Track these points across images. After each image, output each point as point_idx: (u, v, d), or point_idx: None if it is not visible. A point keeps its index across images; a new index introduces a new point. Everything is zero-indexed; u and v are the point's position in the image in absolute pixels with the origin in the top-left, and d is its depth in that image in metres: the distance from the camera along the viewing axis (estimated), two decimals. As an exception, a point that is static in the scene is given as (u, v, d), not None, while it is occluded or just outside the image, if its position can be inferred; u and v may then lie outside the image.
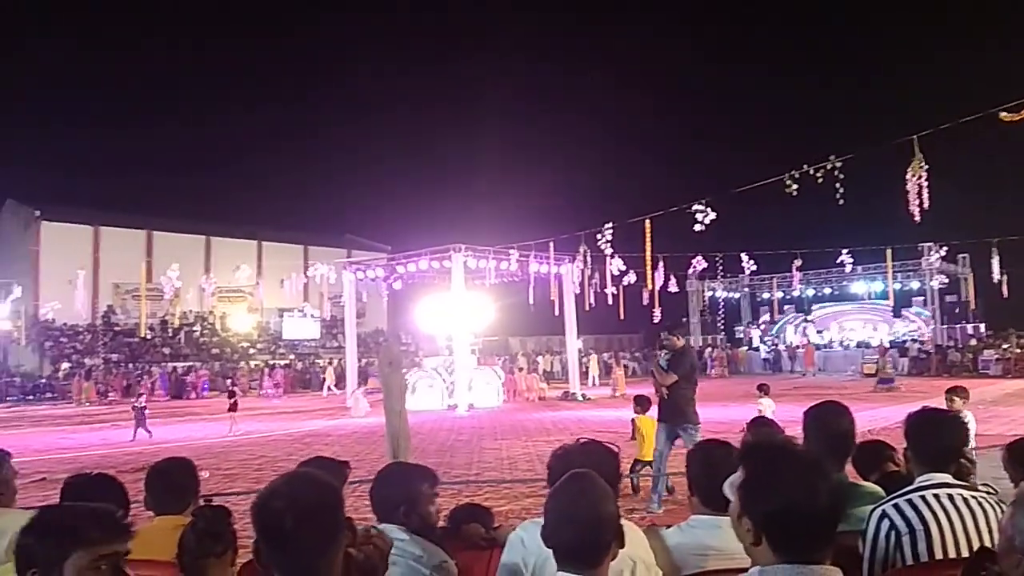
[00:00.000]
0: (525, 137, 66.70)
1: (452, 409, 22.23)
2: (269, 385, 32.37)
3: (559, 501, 1.98)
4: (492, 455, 12.72)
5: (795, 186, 12.79)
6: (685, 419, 8.08)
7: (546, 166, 64.69)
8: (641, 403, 9.73)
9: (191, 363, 37.65)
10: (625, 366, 33.92)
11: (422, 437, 15.57)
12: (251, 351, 42.55)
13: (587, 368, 32.22)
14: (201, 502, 2.55)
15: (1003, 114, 10.11)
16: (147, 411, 16.89)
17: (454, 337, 24.06)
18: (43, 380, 34.50)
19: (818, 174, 12.28)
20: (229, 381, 20.89)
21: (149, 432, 16.27)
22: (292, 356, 41.90)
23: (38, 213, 40.18)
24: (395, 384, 4.28)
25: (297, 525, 1.69)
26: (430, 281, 27.10)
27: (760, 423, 4.79)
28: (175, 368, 36.02)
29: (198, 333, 42.37)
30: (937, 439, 2.70)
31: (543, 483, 2.57)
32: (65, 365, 35.32)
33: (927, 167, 11.36)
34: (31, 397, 32.24)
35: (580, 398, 24.94)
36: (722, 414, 15.70)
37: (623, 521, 2.01)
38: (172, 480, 2.96)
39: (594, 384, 30.84)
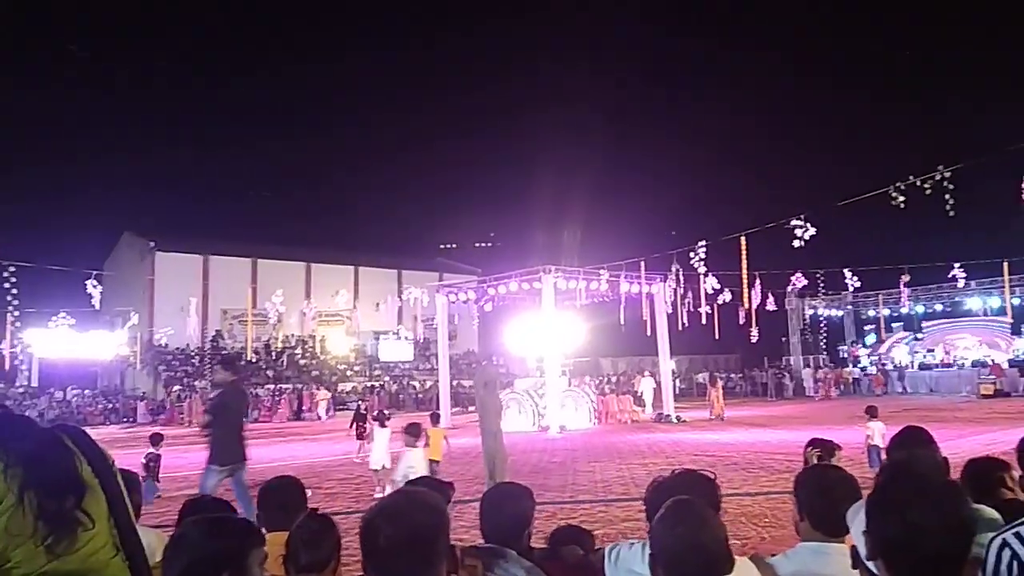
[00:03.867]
0: (617, 156, 66.54)
1: (544, 431, 22.20)
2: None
3: (671, 528, 1.96)
4: (586, 477, 12.61)
5: (901, 198, 12.23)
6: (223, 459, 7.64)
7: (638, 185, 64.27)
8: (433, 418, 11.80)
9: (293, 385, 39.04)
10: (726, 387, 32.75)
11: (515, 459, 15.56)
12: (348, 373, 43.83)
13: (640, 391, 28.97)
14: None
15: None
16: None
17: (544, 358, 24.08)
18: (156, 402, 36.56)
19: (926, 185, 11.71)
20: (363, 404, 19.72)
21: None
22: (387, 378, 42.92)
23: (153, 244, 42.85)
24: (491, 405, 4.32)
25: (393, 544, 1.71)
26: (520, 303, 27.27)
27: (815, 443, 4.75)
28: (298, 390, 37.26)
29: (299, 356, 43.98)
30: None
31: (638, 505, 2.55)
32: (176, 388, 37.31)
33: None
34: (159, 416, 33.97)
35: (675, 420, 24.43)
36: (825, 438, 15.04)
37: (736, 556, 1.99)
38: (282, 497, 3.09)
39: (644, 409, 27.48)
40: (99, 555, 1.80)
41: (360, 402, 20.44)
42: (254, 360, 40.28)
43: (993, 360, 34.22)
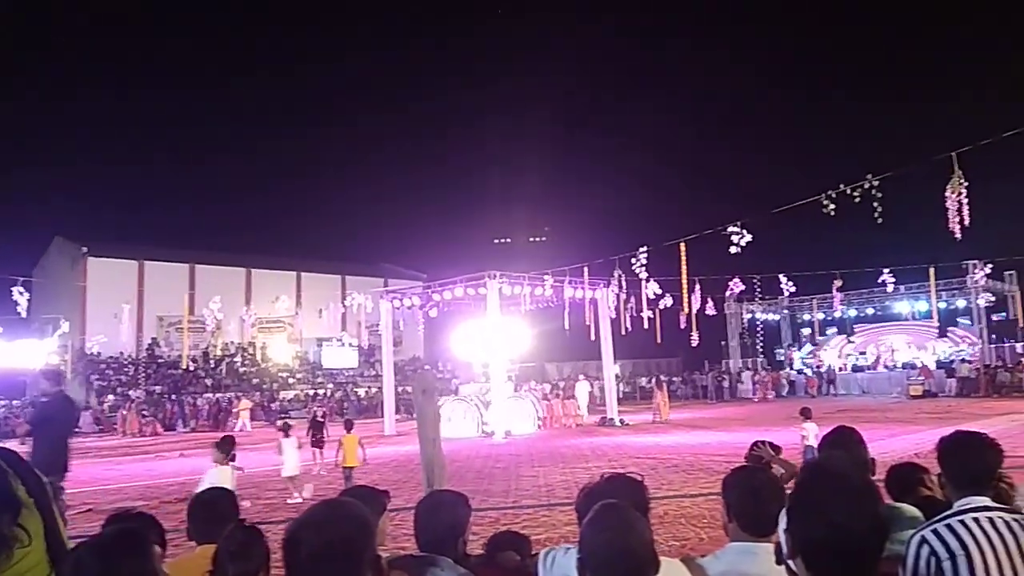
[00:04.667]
0: (559, 163, 67.10)
1: (488, 436, 22.20)
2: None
3: (597, 532, 1.98)
4: (529, 482, 12.66)
5: (832, 206, 12.66)
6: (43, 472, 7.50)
7: (580, 191, 64.87)
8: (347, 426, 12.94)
9: (233, 393, 38.23)
10: (671, 390, 33.29)
11: (459, 465, 15.55)
12: (291, 380, 43.08)
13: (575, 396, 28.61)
14: None
15: (1044, 128, 9.93)
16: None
17: (490, 364, 24.10)
18: (88, 411, 35.29)
19: (855, 193, 12.15)
20: (319, 412, 18.91)
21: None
22: (331, 385, 42.33)
23: (85, 249, 41.44)
24: (429, 412, 4.30)
25: (316, 556, 1.69)
26: (465, 308, 27.24)
27: (757, 446, 4.82)
28: (217, 399, 36.47)
29: (239, 363, 43.04)
30: (973, 462, 2.65)
31: None
32: (110, 397, 36.11)
33: (966, 184, 11.17)
34: (78, 429, 32.90)
35: (618, 424, 24.71)
36: (763, 439, 15.42)
37: (666, 558, 2.01)
38: (214, 509, 3.03)
39: (582, 415, 27.23)
40: (34, 571, 1.83)
41: (317, 409, 19.98)
42: (191, 368, 39.28)
43: (922, 362, 35.60)
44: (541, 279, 23.95)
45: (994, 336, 35.35)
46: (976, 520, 2.45)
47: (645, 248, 19.27)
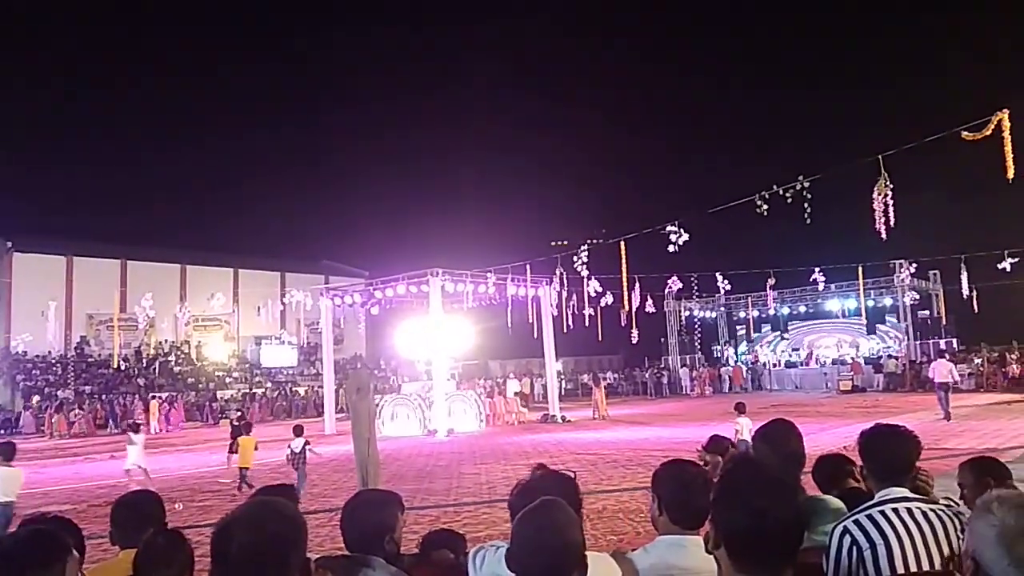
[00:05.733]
0: (501, 162, 67.18)
1: (431, 434, 22.11)
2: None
3: (525, 528, 1.99)
4: (471, 480, 12.67)
5: (765, 206, 13.01)
6: None
7: (522, 190, 65.15)
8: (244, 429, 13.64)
9: (168, 393, 37.14)
10: (609, 387, 33.76)
11: (400, 463, 15.46)
12: (227, 380, 42.09)
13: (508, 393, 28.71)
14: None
15: (965, 134, 10.36)
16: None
17: (433, 362, 23.99)
18: (13, 413, 33.83)
19: (787, 194, 12.50)
20: (239, 414, 18.56)
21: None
22: (269, 384, 41.51)
23: (10, 244, 39.65)
24: (363, 411, 4.27)
25: (247, 553, 1.66)
26: (408, 306, 27.06)
27: (716, 441, 4.86)
28: (109, 400, 34.82)
29: (173, 363, 41.86)
30: (892, 454, 2.73)
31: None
32: (36, 398, 34.68)
33: (892, 186, 11.61)
34: (2, 432, 31.55)
35: (560, 420, 24.90)
36: (700, 433, 15.76)
37: (595, 553, 2.02)
38: (137, 513, 2.92)
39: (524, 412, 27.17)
40: None
41: (233, 414, 19.44)
42: (122, 368, 38.03)
43: (852, 358, 36.85)
44: (484, 277, 23.96)
45: (919, 333, 36.78)
46: (895, 511, 2.55)
47: (587, 246, 19.46)
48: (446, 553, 2.88)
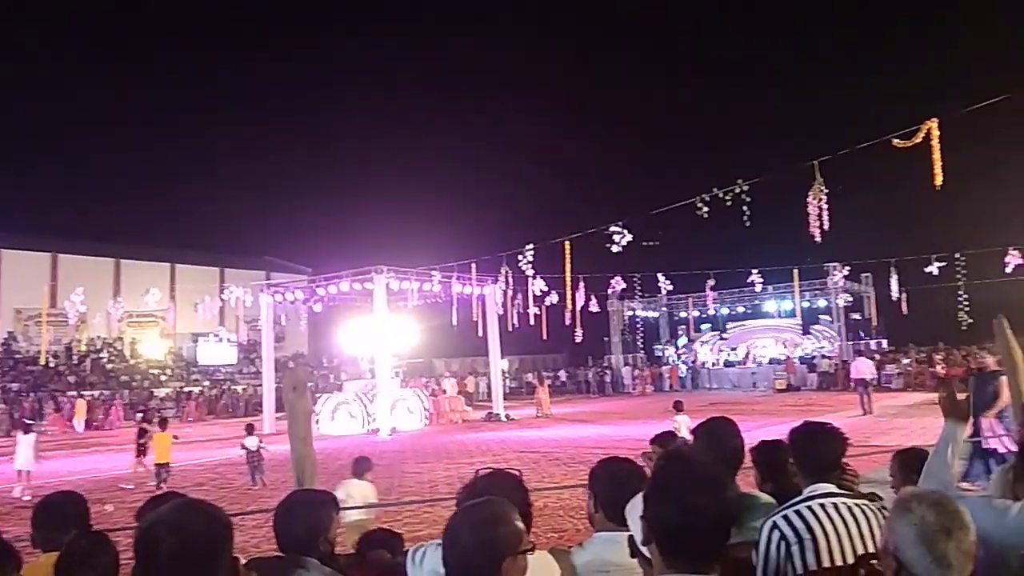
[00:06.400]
0: (448, 159, 66.96)
1: (374, 433, 21.92)
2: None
3: (460, 524, 1.98)
4: (413, 479, 12.62)
5: (706, 208, 13.28)
6: None
7: (469, 188, 64.98)
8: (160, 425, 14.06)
9: (100, 391, 35.91)
10: (553, 385, 34.01)
11: (342, 463, 15.24)
12: (163, 378, 40.92)
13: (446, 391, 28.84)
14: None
15: (896, 141, 10.73)
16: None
17: (376, 360, 23.77)
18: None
19: (727, 197, 12.78)
20: (140, 415, 18.18)
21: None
22: (207, 382, 40.51)
23: (-68, 237, 37.86)
24: (300, 409, 4.21)
25: (175, 556, 1.63)
26: (352, 303, 26.74)
27: (664, 437, 4.91)
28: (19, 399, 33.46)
29: (106, 360, 40.50)
30: (819, 451, 2.83)
31: None
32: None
33: (826, 191, 11.96)
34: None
35: (504, 418, 24.96)
36: (642, 431, 15.99)
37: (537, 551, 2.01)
38: (59, 515, 2.82)
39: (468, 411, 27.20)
40: None
41: (139, 415, 18.96)
42: (52, 365, 36.62)
43: (787, 357, 37.92)
44: (429, 274, 23.85)
45: (851, 334, 38.07)
46: (822, 506, 2.63)
47: (532, 246, 19.55)
48: (383, 553, 2.86)
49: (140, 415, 17.66)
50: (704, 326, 43.84)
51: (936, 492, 1.97)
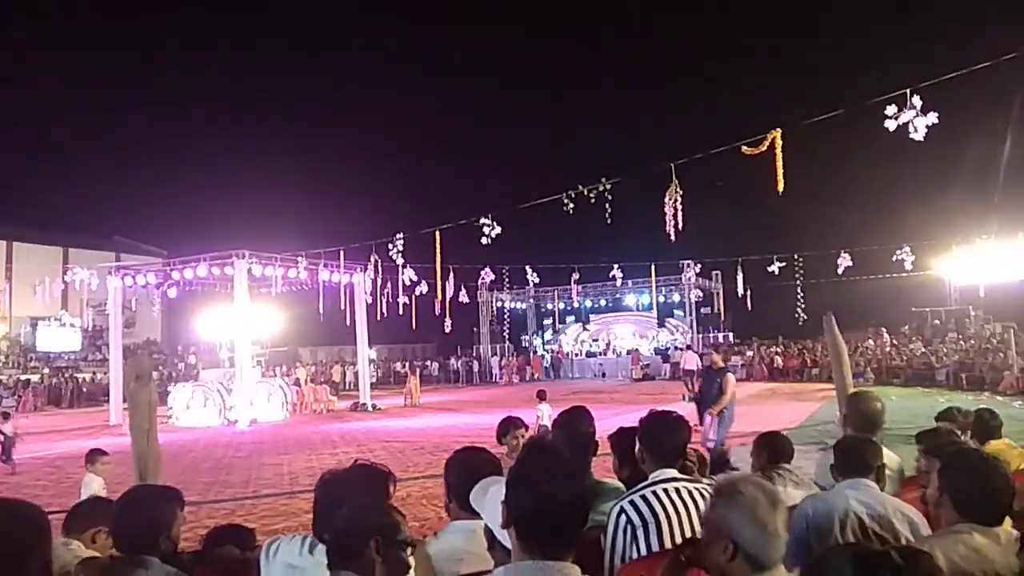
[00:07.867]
0: (316, 145, 64.95)
1: (232, 424, 21.09)
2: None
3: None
4: (272, 470, 12.26)
5: (571, 205, 13.68)
6: None
7: (338, 175, 63.28)
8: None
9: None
10: (423, 375, 33.91)
11: (195, 455, 14.64)
12: (-5, 365, 37.49)
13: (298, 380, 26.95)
14: None
15: (744, 148, 11.45)
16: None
17: (236, 347, 22.83)
18: None
19: (591, 194, 13.22)
20: None
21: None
22: (47, 370, 37.43)
23: None
24: (142, 400, 3.99)
25: None
26: (211, 289, 25.51)
27: (507, 422, 5.05)
28: None
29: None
30: (664, 438, 3.00)
31: None
32: None
33: (681, 192, 12.61)
34: None
35: (370, 408, 24.66)
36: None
37: None
38: None
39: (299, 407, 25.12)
40: None
41: None
42: None
43: (636, 349, 39.82)
44: (295, 261, 23.14)
45: (702, 327, 40.36)
46: (665, 490, 2.80)
47: (402, 235, 19.40)
48: (231, 549, 2.79)
49: None
50: (569, 318, 45.11)
51: (750, 475, 2.17)
